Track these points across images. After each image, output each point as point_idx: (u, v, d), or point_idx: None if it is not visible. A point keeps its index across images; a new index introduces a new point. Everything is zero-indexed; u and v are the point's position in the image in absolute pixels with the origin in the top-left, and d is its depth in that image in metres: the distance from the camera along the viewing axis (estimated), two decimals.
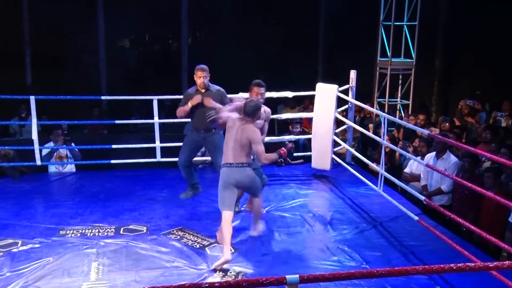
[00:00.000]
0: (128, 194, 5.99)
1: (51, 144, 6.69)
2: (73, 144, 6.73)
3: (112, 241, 4.67)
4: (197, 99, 5.32)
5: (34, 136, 6.39)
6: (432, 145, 6.08)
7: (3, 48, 10.99)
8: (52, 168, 6.78)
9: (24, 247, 4.51)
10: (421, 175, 6.06)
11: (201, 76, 5.37)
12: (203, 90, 5.40)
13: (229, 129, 4.49)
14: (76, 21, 11.67)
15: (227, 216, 4.38)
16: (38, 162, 6.47)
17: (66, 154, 6.76)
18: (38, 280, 3.96)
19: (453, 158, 5.78)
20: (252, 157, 4.54)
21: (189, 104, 5.35)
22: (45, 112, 8.39)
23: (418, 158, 5.90)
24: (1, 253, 4.39)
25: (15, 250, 4.46)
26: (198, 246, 4.65)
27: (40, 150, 6.49)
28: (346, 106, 7.15)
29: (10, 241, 4.63)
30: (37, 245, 4.55)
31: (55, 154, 6.72)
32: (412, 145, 6.89)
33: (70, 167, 6.82)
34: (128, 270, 4.18)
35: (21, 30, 11.37)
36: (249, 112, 4.43)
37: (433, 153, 5.93)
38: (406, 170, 6.39)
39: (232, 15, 12.51)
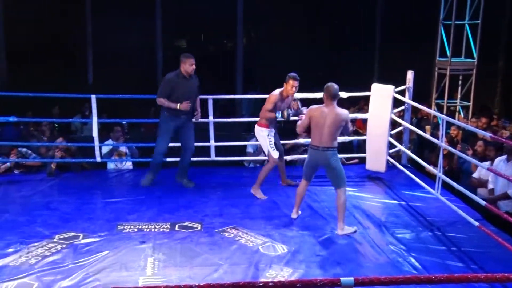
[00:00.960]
0: (183, 191, 6.11)
1: (109, 141, 6.92)
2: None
3: (167, 237, 4.78)
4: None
5: (95, 133, 6.61)
6: (503, 149, 5.88)
7: (67, 49, 11.45)
8: (111, 165, 7.01)
9: (85, 241, 4.67)
10: (489, 179, 5.85)
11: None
12: (188, 77, 5.91)
13: (317, 118, 4.89)
14: (135, 22, 12.01)
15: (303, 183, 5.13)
16: (98, 159, 6.69)
17: (126, 152, 6.97)
18: (97, 272, 4.10)
19: None
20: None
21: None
22: (105, 111, 8.69)
23: (486, 163, 5.68)
24: (64, 245, 4.57)
25: (76, 243, 4.63)
26: (251, 244, 4.68)
27: (100, 147, 6.72)
28: (403, 107, 7.00)
29: (72, 234, 4.82)
30: (97, 239, 4.71)
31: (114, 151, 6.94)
32: (471, 148, 6.66)
33: (128, 164, 7.02)
34: (183, 266, 4.25)
35: (84, 31, 11.85)
36: (336, 94, 4.88)
37: (504, 157, 5.72)
38: (475, 175, 6.17)
39: (288, 15, 12.51)
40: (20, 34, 11.50)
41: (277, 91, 5.73)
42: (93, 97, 6.47)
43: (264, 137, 5.78)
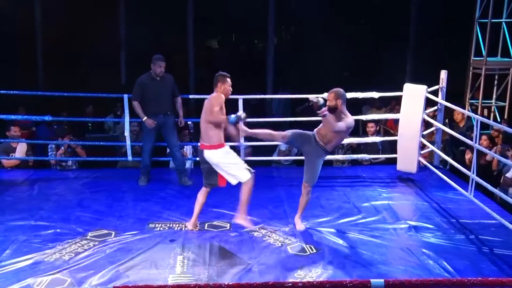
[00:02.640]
0: (213, 191, 6.09)
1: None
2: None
3: (197, 236, 4.82)
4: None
5: (126, 133, 6.72)
6: None
7: (101, 50, 11.66)
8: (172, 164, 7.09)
9: (117, 238, 4.76)
10: None
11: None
12: (158, 78, 6.07)
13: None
14: (167, 21, 12.15)
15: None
16: (130, 158, 6.79)
17: (187, 152, 7.12)
18: (128, 270, 4.17)
19: None
20: None
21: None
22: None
23: None
24: (97, 242, 4.67)
25: (109, 240, 4.72)
26: (279, 244, 4.68)
27: (132, 147, 6.83)
28: (435, 108, 6.88)
29: (104, 231, 4.91)
30: (128, 237, 4.79)
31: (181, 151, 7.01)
32: None
33: (190, 163, 7.12)
34: (212, 265, 4.28)
35: (117, 32, 12.04)
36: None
37: None
38: (508, 174, 6.05)
39: (318, 14, 12.43)
40: (56, 35, 11.78)
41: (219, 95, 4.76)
42: (126, 96, 6.58)
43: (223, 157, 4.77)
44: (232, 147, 5.05)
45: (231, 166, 4.75)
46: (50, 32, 11.83)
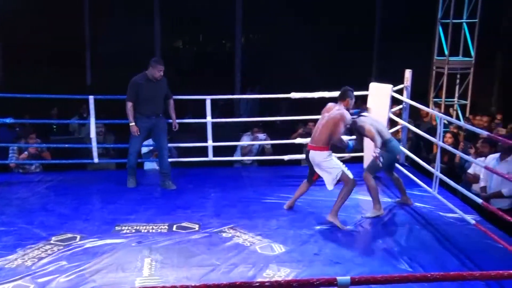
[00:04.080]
0: (181, 192, 6.11)
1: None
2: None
3: (165, 238, 4.77)
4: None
5: (92, 134, 6.61)
6: (497, 146, 5.88)
7: (65, 49, 11.44)
8: (148, 165, 7.10)
9: (82, 242, 4.67)
10: (481, 176, 5.86)
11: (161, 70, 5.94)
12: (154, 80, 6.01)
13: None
14: (133, 22, 12.01)
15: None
16: (96, 160, 6.69)
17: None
18: (94, 274, 4.09)
19: None
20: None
21: None
22: (103, 112, 8.67)
23: (482, 159, 5.69)
24: (62, 247, 4.56)
25: (73, 244, 4.63)
26: (249, 244, 4.67)
27: (98, 148, 6.72)
28: (401, 106, 7.00)
29: (69, 235, 4.80)
30: (94, 240, 4.70)
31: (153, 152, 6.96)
32: (474, 147, 6.68)
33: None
34: (180, 266, 4.25)
35: (82, 32, 11.84)
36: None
37: (497, 155, 5.72)
38: (470, 170, 6.20)
39: (285, 16, 12.51)
40: (17, 34, 11.50)
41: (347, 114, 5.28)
42: (91, 98, 6.48)
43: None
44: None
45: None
46: (12, 32, 11.54)
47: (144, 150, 6.96)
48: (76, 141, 8.00)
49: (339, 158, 5.38)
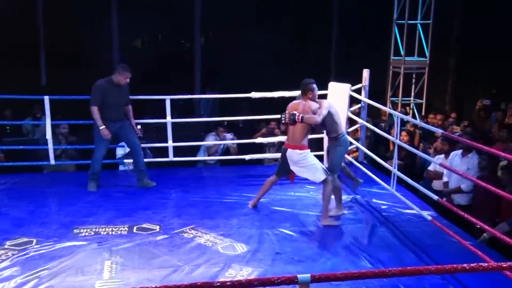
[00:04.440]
0: (141, 193, 6.03)
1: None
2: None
3: (125, 240, 4.70)
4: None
5: (48, 135, 6.45)
6: (456, 144, 6.10)
7: (18, 48, 11.10)
8: (122, 167, 7.01)
9: (39, 246, 4.54)
10: (444, 172, 6.06)
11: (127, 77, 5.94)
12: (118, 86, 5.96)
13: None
14: (90, 21, 11.78)
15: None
16: (52, 162, 6.53)
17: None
18: (51, 278, 3.99)
19: (477, 158, 5.76)
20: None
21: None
22: (59, 112, 8.46)
23: (441, 156, 5.85)
24: (16, 251, 4.43)
25: (29, 248, 4.50)
26: (210, 244, 4.66)
27: (55, 150, 6.56)
28: (359, 105, 7.13)
29: (25, 239, 4.67)
30: (51, 244, 4.58)
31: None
32: (432, 146, 6.88)
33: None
34: (141, 268, 4.20)
35: (36, 29, 11.50)
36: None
37: (459, 151, 5.93)
38: (430, 167, 6.40)
39: (244, 15, 12.54)
40: None
41: None
42: (46, 98, 6.32)
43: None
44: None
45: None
46: None
47: (120, 151, 6.89)
48: (31, 143, 7.75)
49: None
